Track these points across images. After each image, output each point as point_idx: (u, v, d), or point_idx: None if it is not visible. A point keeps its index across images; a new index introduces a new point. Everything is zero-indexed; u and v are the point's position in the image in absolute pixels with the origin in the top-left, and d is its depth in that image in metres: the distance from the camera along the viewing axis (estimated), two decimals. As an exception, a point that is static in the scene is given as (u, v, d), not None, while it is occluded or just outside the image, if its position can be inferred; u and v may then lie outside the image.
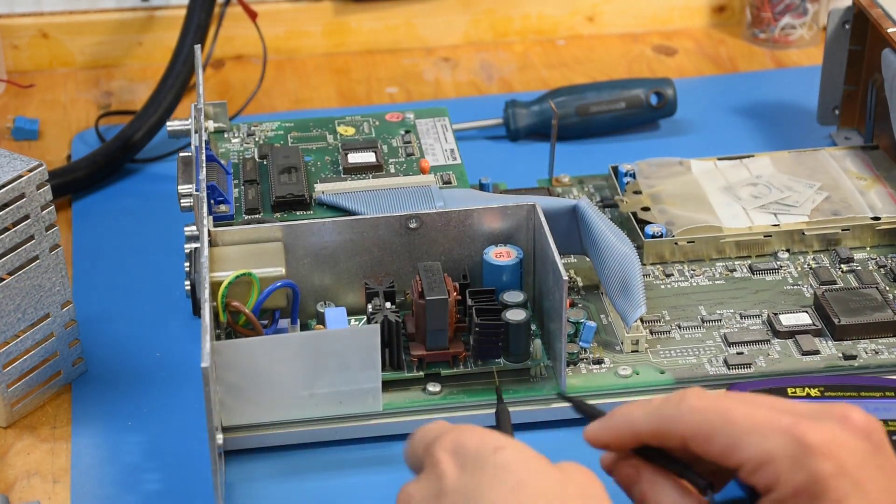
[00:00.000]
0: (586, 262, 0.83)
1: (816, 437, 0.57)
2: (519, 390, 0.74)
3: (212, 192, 0.80)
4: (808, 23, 1.14)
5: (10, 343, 0.74)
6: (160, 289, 0.86)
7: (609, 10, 1.17)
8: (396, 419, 0.73)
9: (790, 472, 0.57)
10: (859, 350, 0.77)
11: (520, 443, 0.59)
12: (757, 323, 0.79)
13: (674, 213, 0.86)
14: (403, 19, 1.15)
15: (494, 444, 0.58)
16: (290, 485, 0.71)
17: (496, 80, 1.11)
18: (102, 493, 0.71)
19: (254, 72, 1.11)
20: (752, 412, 0.58)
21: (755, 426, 0.58)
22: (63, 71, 1.12)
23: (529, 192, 0.90)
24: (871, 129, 0.95)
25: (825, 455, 0.56)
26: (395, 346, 0.74)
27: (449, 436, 0.60)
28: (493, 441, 0.58)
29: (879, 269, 0.83)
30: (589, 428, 0.63)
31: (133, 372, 0.79)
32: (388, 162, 0.87)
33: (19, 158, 0.72)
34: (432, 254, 0.78)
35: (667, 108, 1.01)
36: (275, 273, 0.74)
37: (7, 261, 0.72)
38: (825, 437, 0.57)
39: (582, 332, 0.77)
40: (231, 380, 0.70)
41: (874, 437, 0.58)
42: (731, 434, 0.58)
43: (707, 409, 0.59)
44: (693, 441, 0.59)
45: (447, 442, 0.59)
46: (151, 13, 1.12)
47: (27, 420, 0.76)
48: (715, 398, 0.60)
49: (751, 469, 0.58)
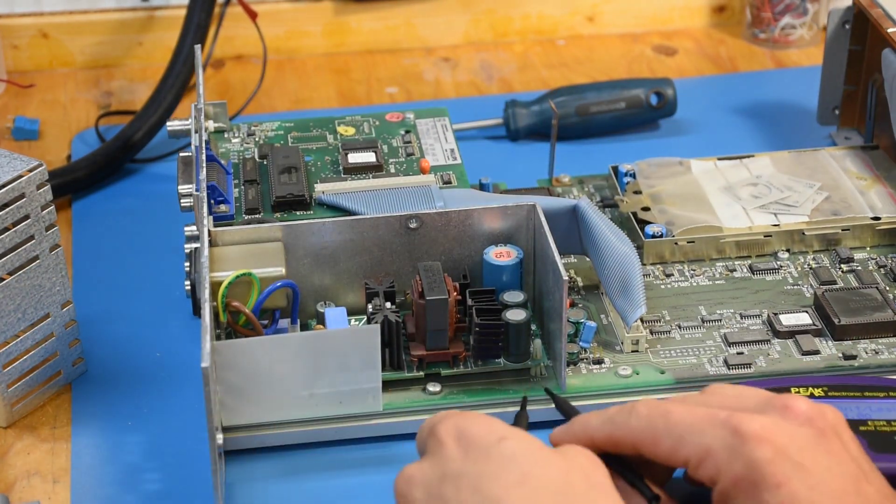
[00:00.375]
0: (586, 262, 0.83)
1: (752, 425, 0.58)
2: (519, 390, 0.74)
3: (212, 192, 0.80)
4: (808, 23, 1.14)
5: (10, 343, 0.74)
6: (160, 289, 0.85)
7: (609, 10, 1.17)
8: (396, 419, 0.73)
9: (728, 463, 0.58)
10: (859, 350, 0.77)
11: (523, 432, 0.60)
12: (757, 323, 0.79)
13: (674, 213, 0.86)
14: (403, 19, 1.15)
15: (499, 433, 0.59)
16: (290, 485, 0.71)
17: (496, 80, 1.11)
18: (102, 493, 0.71)
19: (254, 72, 1.11)
20: (691, 411, 0.60)
21: (694, 424, 0.59)
22: (63, 71, 1.12)
23: (529, 192, 0.90)
24: (871, 129, 0.95)
25: (760, 441, 0.57)
26: (395, 346, 0.74)
27: (452, 420, 0.60)
28: (498, 430, 0.59)
29: (879, 269, 0.83)
30: (552, 434, 0.65)
31: (133, 372, 0.79)
32: (388, 162, 0.87)
33: (19, 158, 0.72)
34: (432, 254, 0.78)
35: (667, 108, 1.01)
36: (275, 273, 0.74)
37: (7, 261, 0.72)
38: (761, 425, 0.58)
39: (582, 332, 0.77)
40: (231, 380, 0.70)
41: (818, 423, 0.59)
42: (673, 434, 0.60)
43: (651, 414, 0.61)
44: (642, 446, 0.61)
45: (450, 426, 0.60)
46: (151, 13, 1.12)
47: (27, 420, 0.76)
48: (661, 404, 0.61)
49: (694, 465, 0.59)
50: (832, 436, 0.59)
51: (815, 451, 0.58)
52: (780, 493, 0.56)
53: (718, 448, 0.58)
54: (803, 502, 0.56)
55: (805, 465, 0.57)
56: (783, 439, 0.57)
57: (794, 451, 0.57)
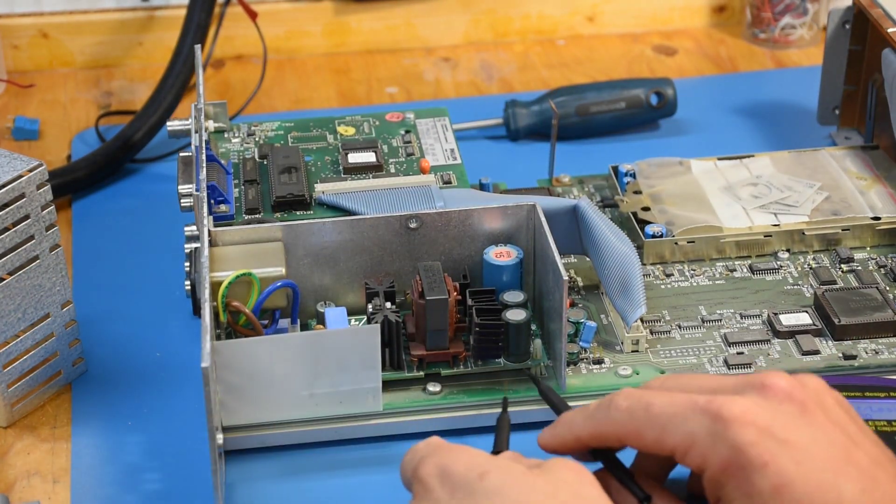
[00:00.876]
0: (586, 262, 0.83)
1: (733, 409, 0.57)
2: (519, 390, 0.74)
3: (212, 192, 0.80)
4: (808, 23, 1.14)
5: (10, 343, 0.74)
6: (160, 289, 0.85)
7: (609, 10, 1.17)
8: (396, 419, 0.73)
9: (713, 449, 0.57)
10: (859, 350, 0.77)
11: (504, 461, 0.59)
12: (757, 323, 0.79)
13: (674, 213, 0.86)
14: (403, 19, 1.15)
15: (479, 468, 0.58)
16: (290, 485, 0.71)
17: (496, 80, 1.11)
18: (102, 493, 0.71)
19: (254, 72, 1.11)
20: (671, 399, 0.60)
21: (675, 413, 0.59)
22: (63, 71, 1.12)
23: (529, 192, 0.90)
24: (871, 129, 0.95)
25: (742, 424, 0.57)
26: (395, 346, 0.74)
27: (432, 459, 0.60)
28: (479, 464, 0.59)
29: (879, 269, 0.83)
30: (540, 437, 0.65)
31: (133, 372, 0.79)
32: (388, 162, 0.87)
33: (19, 158, 0.72)
34: (432, 254, 0.78)
35: (667, 108, 1.01)
36: (275, 273, 0.74)
37: (7, 261, 0.72)
38: (741, 408, 0.57)
39: (582, 332, 0.77)
40: (231, 380, 0.70)
41: (798, 396, 0.58)
42: (656, 425, 0.59)
43: (632, 407, 0.61)
44: (627, 440, 0.61)
45: (432, 468, 0.60)
46: (151, 13, 1.12)
47: (27, 420, 0.76)
48: (639, 395, 0.61)
49: (681, 454, 0.59)
50: (814, 407, 0.58)
51: (799, 425, 0.57)
52: (768, 473, 0.56)
53: (702, 436, 0.58)
54: (793, 478, 0.56)
55: (790, 441, 0.57)
56: (765, 419, 0.57)
57: (777, 428, 0.57)
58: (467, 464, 0.59)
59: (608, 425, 0.61)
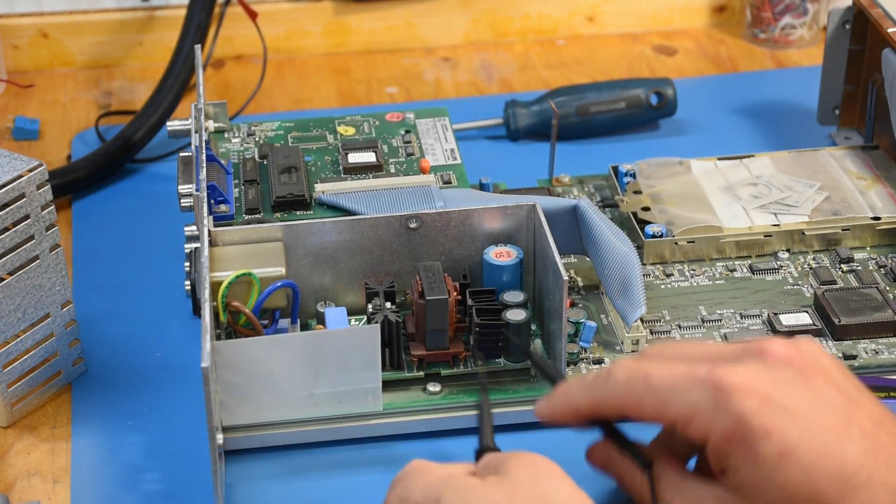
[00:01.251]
0: (586, 262, 0.83)
1: (734, 379, 0.57)
2: (519, 390, 0.74)
3: (212, 192, 0.80)
4: (808, 23, 1.14)
5: (10, 343, 0.74)
6: (160, 289, 0.85)
7: (609, 10, 1.17)
8: (396, 419, 0.73)
9: (715, 420, 0.57)
10: (859, 350, 0.77)
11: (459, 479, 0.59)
12: (757, 323, 0.79)
13: (674, 213, 0.86)
14: (403, 19, 1.15)
15: (434, 495, 0.58)
16: (290, 485, 0.71)
17: (496, 80, 1.11)
18: (102, 493, 0.71)
19: (254, 72, 1.11)
20: (671, 370, 0.59)
21: (675, 385, 0.59)
22: (63, 71, 1.12)
23: (529, 192, 0.90)
24: (871, 129, 0.95)
25: (744, 393, 0.57)
26: (395, 346, 0.74)
27: (395, 491, 0.61)
28: (434, 491, 0.59)
29: (879, 269, 0.83)
30: (536, 409, 0.65)
31: (133, 372, 0.79)
32: (388, 162, 0.87)
33: (19, 158, 0.72)
34: (432, 254, 0.78)
35: (667, 108, 1.01)
36: (275, 273, 0.74)
37: (7, 261, 0.72)
38: (742, 377, 0.57)
39: (582, 332, 0.77)
40: (231, 380, 0.70)
41: (796, 361, 0.59)
42: (657, 397, 0.59)
43: (630, 378, 0.60)
44: (627, 411, 0.61)
45: (394, 498, 0.61)
46: (151, 13, 1.12)
47: (27, 420, 0.76)
48: (637, 366, 0.61)
49: (683, 426, 0.59)
50: (813, 371, 0.58)
51: (799, 390, 0.57)
52: (772, 441, 0.56)
53: (704, 407, 0.58)
54: (797, 444, 0.56)
55: (791, 407, 0.57)
56: (766, 387, 0.57)
57: (778, 396, 0.57)
58: (424, 491, 0.59)
59: (607, 397, 0.61)
